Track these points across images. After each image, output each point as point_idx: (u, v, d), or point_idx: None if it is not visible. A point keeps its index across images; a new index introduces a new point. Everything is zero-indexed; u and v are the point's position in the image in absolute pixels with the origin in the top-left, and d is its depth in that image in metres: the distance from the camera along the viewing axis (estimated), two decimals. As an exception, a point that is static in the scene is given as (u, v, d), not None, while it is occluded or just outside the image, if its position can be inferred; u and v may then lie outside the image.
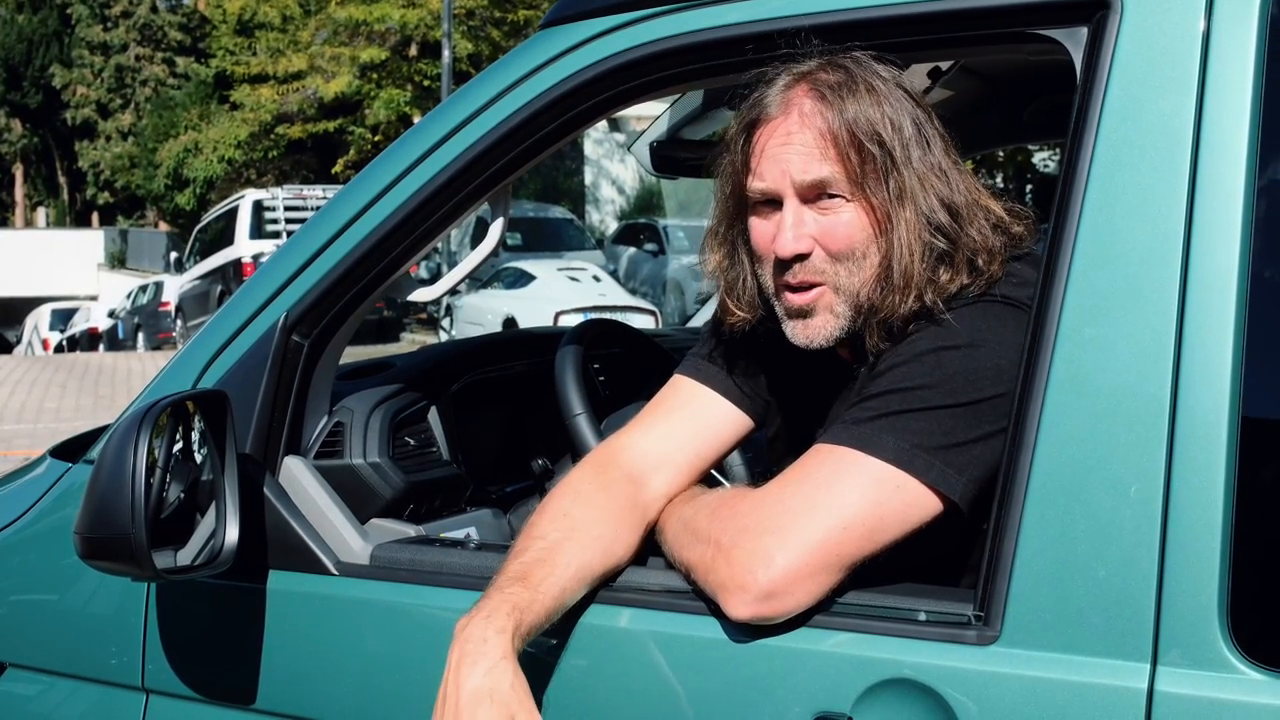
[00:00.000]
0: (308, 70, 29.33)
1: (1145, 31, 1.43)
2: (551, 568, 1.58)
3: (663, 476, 1.76)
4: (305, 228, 1.93)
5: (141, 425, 1.66)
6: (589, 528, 1.65)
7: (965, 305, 1.59)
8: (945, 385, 1.53)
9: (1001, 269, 1.62)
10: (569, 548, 1.61)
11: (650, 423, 1.83)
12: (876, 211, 1.60)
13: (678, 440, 1.80)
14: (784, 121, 1.62)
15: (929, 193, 1.60)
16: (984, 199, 1.66)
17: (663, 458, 1.77)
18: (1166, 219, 1.38)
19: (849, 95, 1.59)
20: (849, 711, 1.46)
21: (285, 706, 1.84)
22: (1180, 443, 1.35)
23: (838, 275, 1.63)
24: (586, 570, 1.61)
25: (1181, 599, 1.33)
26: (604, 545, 1.64)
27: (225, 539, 1.77)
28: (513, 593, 1.54)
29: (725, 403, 1.83)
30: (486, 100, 1.81)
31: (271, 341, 1.88)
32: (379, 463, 1.99)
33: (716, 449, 1.84)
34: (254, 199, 22.72)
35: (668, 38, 1.71)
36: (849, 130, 1.59)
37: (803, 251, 1.63)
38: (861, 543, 1.50)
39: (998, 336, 1.55)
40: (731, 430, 1.84)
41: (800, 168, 1.61)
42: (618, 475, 1.74)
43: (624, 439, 1.81)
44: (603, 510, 1.68)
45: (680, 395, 1.85)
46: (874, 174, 1.59)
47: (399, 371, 2.29)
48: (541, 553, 1.60)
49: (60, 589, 2.07)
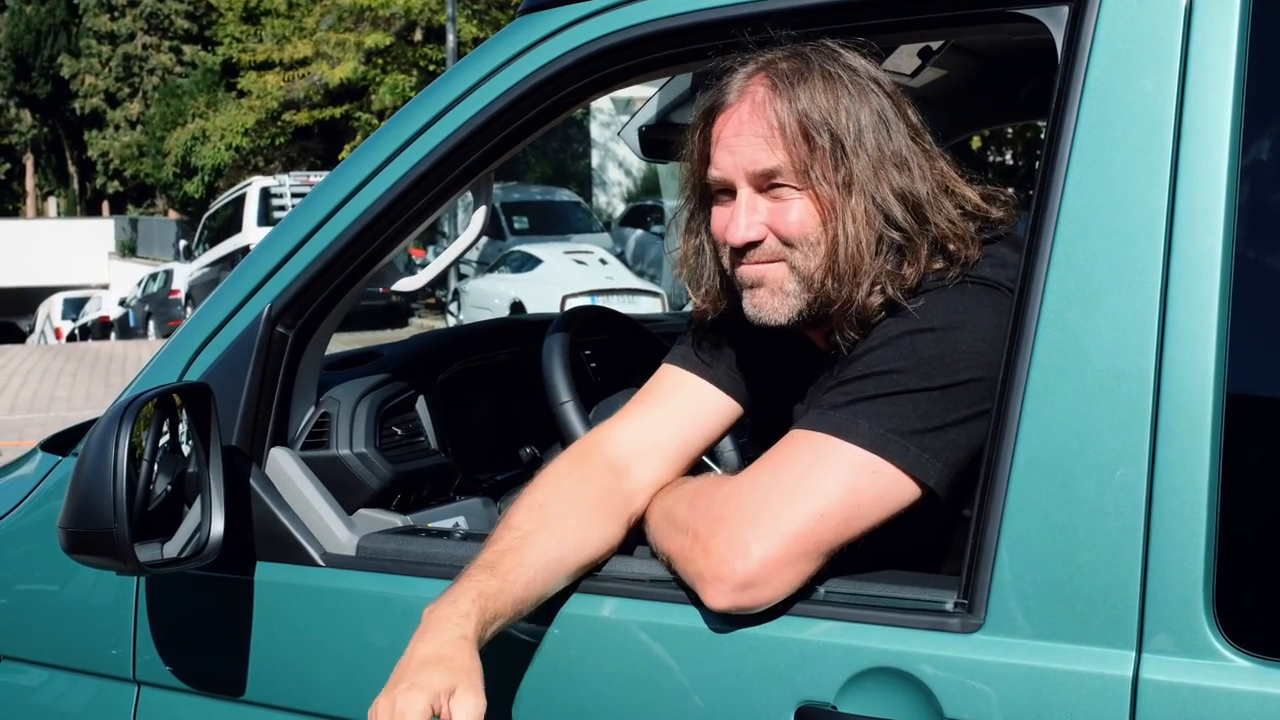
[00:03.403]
0: (313, 57, 29.30)
1: (1126, 9, 1.41)
2: (521, 557, 1.58)
3: (649, 465, 1.75)
4: (288, 219, 1.92)
5: (123, 420, 1.66)
6: (564, 518, 1.64)
7: (940, 289, 1.58)
8: (920, 369, 1.52)
9: (979, 251, 1.61)
10: (542, 538, 1.60)
11: (636, 412, 1.82)
12: (823, 201, 1.60)
13: (664, 428, 1.79)
14: (738, 110, 1.63)
15: (882, 184, 1.59)
16: (957, 185, 1.65)
17: (648, 446, 1.76)
18: (1149, 200, 1.37)
19: (801, 84, 1.59)
20: (833, 700, 1.45)
21: (273, 697, 1.84)
22: (1164, 427, 1.33)
23: (792, 257, 1.63)
24: (559, 562, 1.61)
25: (1166, 586, 1.32)
26: (579, 536, 1.64)
27: (211, 531, 1.76)
28: (479, 580, 1.54)
29: (712, 389, 1.82)
30: (466, 88, 1.80)
31: (256, 333, 1.88)
32: (365, 453, 1.98)
33: (704, 436, 1.82)
34: (261, 186, 22.76)
35: (646, 22, 1.69)
36: (798, 120, 1.59)
37: (754, 239, 1.64)
38: (839, 530, 1.49)
39: (974, 319, 1.54)
40: (719, 417, 1.83)
41: (750, 158, 1.62)
42: (599, 465, 1.73)
43: (608, 429, 1.80)
44: (580, 501, 1.67)
45: (666, 383, 1.84)
46: (822, 164, 1.59)
47: (386, 361, 2.28)
48: (514, 542, 1.60)
49: (50, 582, 2.07)
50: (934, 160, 1.65)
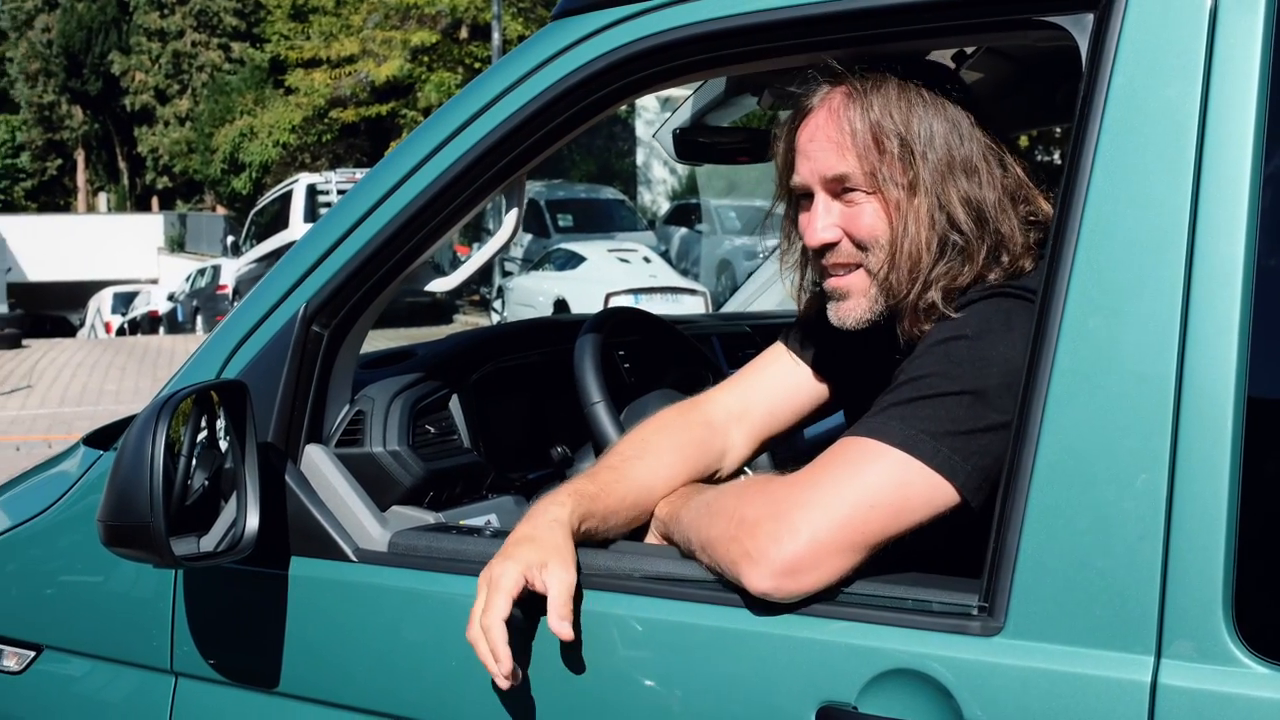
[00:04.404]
0: (360, 54, 29.51)
1: (1151, 17, 1.41)
2: (619, 474, 1.79)
3: (741, 428, 1.95)
4: (323, 221, 1.95)
5: (159, 416, 1.69)
6: (661, 454, 1.84)
7: (982, 298, 1.62)
8: (951, 373, 1.55)
9: (1033, 263, 1.67)
10: (640, 465, 1.81)
11: (736, 379, 2.01)
12: (890, 203, 1.68)
13: (755, 396, 1.97)
14: (816, 116, 1.73)
15: (949, 188, 1.66)
16: (1032, 195, 1.72)
17: (741, 410, 1.95)
18: (1171, 208, 1.37)
19: (876, 92, 1.68)
20: (854, 701, 1.46)
21: (306, 690, 1.88)
22: (1185, 433, 1.33)
23: (867, 261, 1.72)
24: (651, 490, 1.80)
25: (1186, 592, 1.32)
26: (672, 473, 1.83)
27: (246, 526, 1.79)
28: (580, 484, 1.75)
29: (801, 367, 1.96)
30: (499, 92, 1.82)
31: (292, 332, 1.91)
32: (398, 451, 2.01)
33: (792, 411, 1.98)
34: (307, 183, 22.93)
35: (677, 28, 1.71)
36: (869, 125, 1.67)
37: (829, 241, 1.73)
38: (886, 524, 1.50)
39: (1005, 326, 1.57)
40: (807, 395, 1.97)
41: (823, 163, 1.71)
42: (698, 419, 1.92)
43: (711, 392, 1.99)
44: (679, 444, 1.87)
45: (768, 356, 2.01)
46: (890, 167, 1.67)
47: (420, 360, 2.31)
48: (615, 463, 1.82)
49: (89, 574, 2.11)
50: (1008, 170, 1.70)
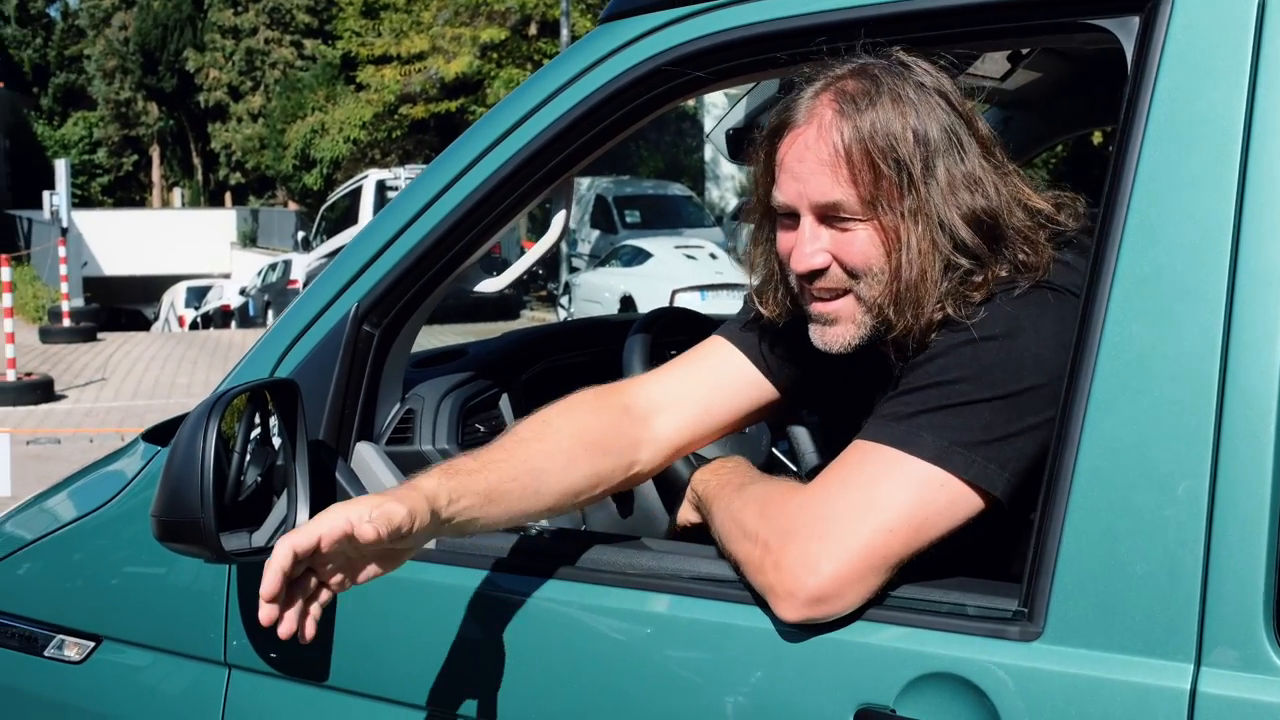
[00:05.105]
0: (429, 51, 29.73)
1: (1197, 21, 1.40)
2: (506, 454, 1.64)
3: (667, 420, 1.79)
4: (374, 221, 1.98)
5: (211, 415, 1.72)
6: (560, 439, 1.69)
7: (1005, 295, 1.56)
8: (982, 378, 1.51)
9: (1048, 258, 1.59)
10: (532, 447, 1.67)
11: (667, 369, 1.86)
12: (887, 230, 1.58)
13: (688, 387, 1.82)
14: (804, 132, 1.61)
15: (950, 209, 1.57)
16: (1030, 199, 1.63)
17: (669, 400, 1.80)
18: (1215, 212, 1.36)
19: (869, 107, 1.56)
20: (892, 704, 1.46)
21: (354, 684, 1.90)
22: (1226, 440, 1.32)
23: (857, 287, 1.63)
24: (541, 474, 1.65)
25: (1226, 599, 1.31)
26: (568, 459, 1.69)
27: (295, 522, 1.82)
28: (458, 462, 1.62)
29: (747, 364, 1.83)
30: (547, 95, 1.84)
31: (343, 331, 1.94)
32: (448, 449, 2.03)
33: (730, 408, 1.84)
34: (377, 178, 23.13)
35: (723, 31, 1.72)
36: (863, 147, 1.56)
37: (817, 268, 1.63)
38: (907, 543, 1.49)
39: (1035, 324, 1.53)
40: (749, 393, 1.84)
41: (815, 188, 1.60)
42: (614, 403, 1.78)
43: (636, 379, 1.87)
44: (583, 429, 1.72)
45: (705, 349, 1.87)
46: (888, 194, 1.57)
47: (471, 359, 2.34)
48: (506, 443, 1.67)
49: (153, 566, 2.15)
50: (1006, 176, 1.62)
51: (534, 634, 1.74)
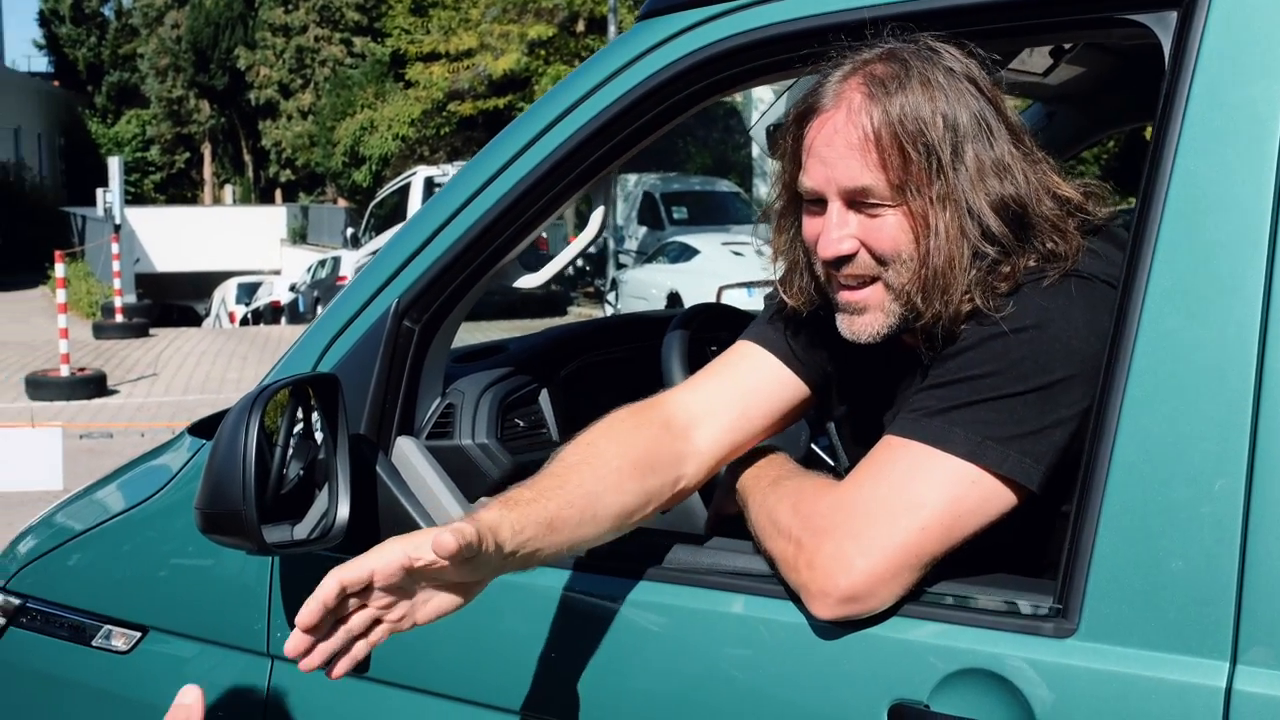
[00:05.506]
0: (478, 48, 29.84)
1: (1235, 14, 1.39)
2: (560, 481, 1.58)
3: (707, 431, 1.76)
4: (413, 219, 2.00)
5: (253, 409, 1.75)
6: (607, 460, 1.65)
7: (1035, 286, 1.54)
8: (1013, 371, 1.49)
9: (1076, 250, 1.57)
10: (583, 471, 1.61)
11: (700, 378, 1.83)
12: (916, 216, 1.56)
13: (724, 396, 1.79)
14: (833, 116, 1.58)
15: (979, 195, 1.54)
16: (1059, 187, 1.60)
17: (706, 411, 1.77)
18: (1253, 208, 1.35)
19: (899, 91, 1.54)
20: (926, 699, 1.47)
21: (395, 676, 1.92)
22: (1263, 437, 1.32)
23: (886, 274, 1.60)
24: (595, 498, 1.60)
25: (1262, 597, 1.31)
26: (618, 480, 1.64)
27: (336, 515, 1.84)
28: (515, 492, 1.55)
29: (779, 365, 1.81)
30: (587, 90, 1.85)
31: (384, 327, 1.96)
32: (487, 444, 2.05)
33: (766, 411, 1.81)
34: (425, 175, 23.21)
35: (762, 27, 1.72)
36: (893, 131, 1.53)
37: (846, 253, 1.60)
38: (941, 540, 1.49)
39: (1065, 315, 1.51)
40: (784, 394, 1.82)
41: (844, 172, 1.57)
42: (654, 419, 1.74)
43: (671, 392, 1.82)
44: (627, 448, 1.68)
45: (734, 355, 1.84)
46: (917, 179, 1.54)
47: (511, 355, 2.35)
48: (555, 470, 1.62)
49: (201, 558, 2.18)
50: (1035, 164, 1.60)
51: (574, 627, 1.75)
